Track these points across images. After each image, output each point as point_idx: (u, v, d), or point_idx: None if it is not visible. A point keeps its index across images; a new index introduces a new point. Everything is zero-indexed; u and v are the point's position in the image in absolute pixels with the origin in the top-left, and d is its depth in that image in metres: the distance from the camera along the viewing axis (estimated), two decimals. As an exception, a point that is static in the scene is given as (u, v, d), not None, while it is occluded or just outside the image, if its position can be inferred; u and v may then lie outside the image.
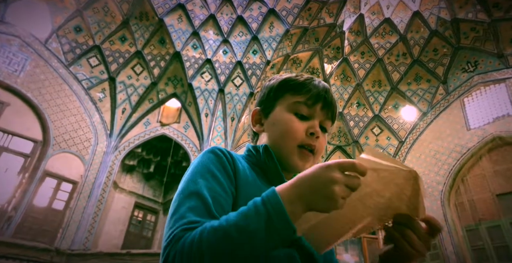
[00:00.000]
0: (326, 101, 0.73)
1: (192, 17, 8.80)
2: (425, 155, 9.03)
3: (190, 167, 0.63)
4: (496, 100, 8.38)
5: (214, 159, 0.61)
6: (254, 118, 0.79)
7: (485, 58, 8.75)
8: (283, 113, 0.72)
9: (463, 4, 8.69)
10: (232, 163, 0.63)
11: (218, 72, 9.38)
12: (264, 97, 0.79)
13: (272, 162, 0.68)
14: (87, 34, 7.71)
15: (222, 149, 0.65)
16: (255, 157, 0.72)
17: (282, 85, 0.76)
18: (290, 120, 0.70)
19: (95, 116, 8.03)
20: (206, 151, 0.64)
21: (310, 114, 0.71)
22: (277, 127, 0.72)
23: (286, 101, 0.73)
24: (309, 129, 0.70)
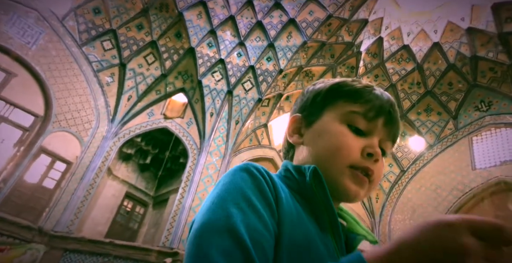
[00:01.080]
0: (391, 116, 0.59)
1: (212, 16, 8.81)
2: (425, 188, 8.79)
3: (216, 187, 0.48)
4: (506, 143, 8.16)
5: (250, 181, 0.46)
6: (292, 126, 0.65)
7: (500, 100, 8.58)
8: (333, 123, 0.58)
9: (485, 43, 8.58)
10: (273, 189, 0.48)
11: (229, 74, 9.34)
12: (307, 102, 0.65)
13: (322, 189, 0.52)
14: (105, 17, 7.73)
15: (259, 167, 0.50)
16: (296, 181, 0.56)
17: (334, 89, 0.62)
18: (342, 134, 0.56)
19: (100, 99, 7.98)
20: (238, 168, 0.49)
21: (368, 129, 0.57)
22: (323, 140, 0.57)
23: (338, 109, 0.59)
24: (367, 148, 0.55)
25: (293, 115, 0.66)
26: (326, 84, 0.64)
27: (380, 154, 0.56)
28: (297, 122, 0.64)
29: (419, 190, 8.78)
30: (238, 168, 0.49)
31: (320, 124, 0.60)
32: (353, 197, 0.55)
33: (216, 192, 0.46)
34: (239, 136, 9.39)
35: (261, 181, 0.47)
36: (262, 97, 9.45)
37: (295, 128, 0.64)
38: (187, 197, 7.78)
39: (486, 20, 8.54)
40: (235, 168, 0.49)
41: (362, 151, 0.55)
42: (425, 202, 8.50)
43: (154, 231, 8.37)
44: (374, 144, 0.56)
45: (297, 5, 9.08)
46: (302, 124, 0.63)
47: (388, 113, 0.59)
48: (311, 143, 0.59)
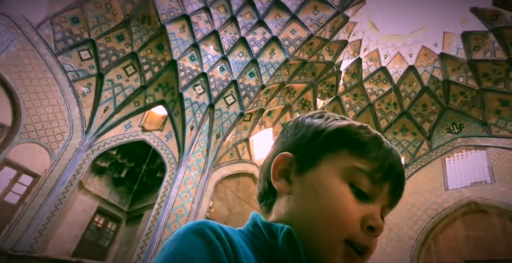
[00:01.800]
0: (400, 181, 0.50)
1: (195, 30, 8.84)
2: (401, 207, 8.91)
3: (158, 257, 0.37)
4: (476, 165, 8.48)
5: (204, 251, 0.37)
6: (279, 167, 0.52)
7: (470, 123, 8.98)
8: (333, 178, 0.48)
9: (456, 68, 9.05)
10: (234, 259, 0.38)
11: (211, 87, 9.31)
12: (302, 141, 0.53)
13: (298, 259, 0.42)
14: (83, 27, 7.57)
15: (215, 228, 0.39)
16: (266, 242, 0.45)
17: (337, 134, 0.51)
18: (344, 195, 0.46)
19: (75, 110, 7.69)
20: (190, 231, 0.39)
21: (372, 193, 0.48)
22: (319, 199, 0.47)
23: (341, 160, 0.49)
24: (368, 219, 0.46)
25: (283, 154, 0.52)
26: (329, 125, 0.53)
27: (383, 228, 0.47)
28: (286, 162, 0.52)
29: (395, 210, 8.89)
30: (190, 230, 0.38)
31: (316, 174, 0.49)
32: None
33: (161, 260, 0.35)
34: (219, 150, 9.28)
35: (218, 249, 0.37)
36: (244, 112, 9.45)
37: (282, 170, 0.52)
38: (163, 213, 7.52)
39: (457, 47, 9.05)
40: (186, 230, 0.39)
41: (362, 222, 0.45)
42: (400, 221, 8.61)
43: (126, 248, 7.99)
44: (377, 214, 0.47)
45: (280, 24, 9.28)
46: (293, 168, 0.52)
47: (398, 177, 0.49)
48: (301, 197, 0.49)
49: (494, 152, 8.45)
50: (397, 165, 0.50)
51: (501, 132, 8.63)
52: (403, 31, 9.59)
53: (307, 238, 0.44)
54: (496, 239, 7.52)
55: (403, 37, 9.60)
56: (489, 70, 8.83)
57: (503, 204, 7.73)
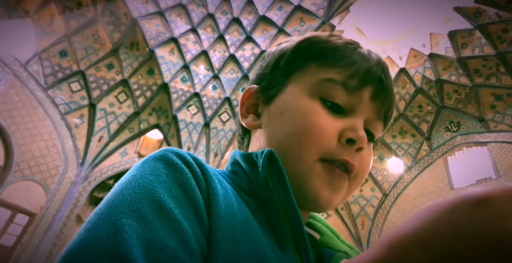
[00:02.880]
0: (383, 85, 0.42)
1: (184, 51, 8.85)
2: (408, 211, 8.79)
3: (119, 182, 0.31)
4: (478, 162, 8.42)
5: (166, 174, 0.30)
6: (247, 103, 0.47)
7: (467, 120, 8.97)
8: (301, 97, 0.42)
9: (446, 67, 9.10)
10: (205, 184, 0.32)
11: (205, 106, 9.27)
12: (267, 69, 0.47)
13: (281, 184, 0.36)
14: (72, 59, 7.55)
15: (182, 153, 0.33)
16: (246, 176, 0.39)
17: (302, 48, 0.44)
18: (312, 112, 0.40)
19: (68, 143, 7.57)
20: (151, 157, 0.33)
21: (350, 105, 0.41)
22: (286, 122, 0.41)
23: (309, 76, 0.42)
24: (346, 132, 0.40)
25: (247, 88, 0.47)
26: (293, 42, 0.46)
27: (365, 140, 0.39)
28: (252, 97, 0.47)
29: (403, 213, 8.78)
30: (150, 157, 0.32)
31: (283, 99, 0.43)
32: (324, 205, 0.39)
33: (108, 196, 0.29)
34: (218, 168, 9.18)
35: (184, 173, 0.31)
36: (240, 128, 9.40)
37: (250, 106, 0.47)
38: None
39: (445, 47, 9.12)
40: (146, 158, 0.33)
41: (339, 136, 0.39)
42: (410, 225, 8.48)
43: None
44: (357, 126, 0.40)
45: (268, 38, 9.33)
46: (260, 100, 0.46)
47: (378, 81, 0.42)
48: (270, 126, 0.43)
49: (495, 147, 8.40)
50: (377, 66, 0.42)
51: (499, 126, 8.61)
52: (390, 35, 9.68)
53: (284, 167, 0.37)
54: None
55: (391, 41, 9.68)
56: (479, 66, 8.89)
57: None
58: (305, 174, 0.38)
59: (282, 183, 0.36)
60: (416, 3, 9.71)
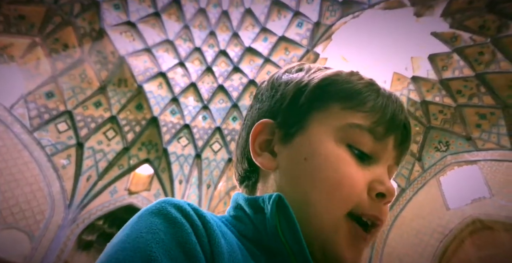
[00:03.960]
0: (407, 132, 0.42)
1: (172, 85, 8.92)
2: (407, 234, 8.66)
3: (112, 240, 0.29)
4: (471, 181, 8.48)
5: (164, 231, 0.27)
6: (258, 138, 0.43)
7: (455, 140, 9.13)
8: (327, 142, 0.38)
9: (430, 88, 9.39)
10: (208, 240, 0.29)
11: (196, 137, 9.21)
12: (283, 102, 0.43)
13: (292, 231, 0.32)
14: (59, 100, 7.50)
15: (182, 206, 0.30)
16: (251, 223, 0.35)
17: (325, 87, 0.42)
18: (343, 161, 0.37)
19: (55, 185, 7.33)
20: (148, 211, 0.30)
21: (375, 152, 0.39)
22: (314, 169, 0.37)
23: (333, 119, 0.40)
24: (376, 184, 0.38)
25: (261, 122, 0.43)
26: (312, 77, 0.43)
27: (395, 193, 0.38)
28: (266, 132, 0.42)
29: (402, 236, 8.65)
30: (147, 211, 0.30)
31: (306, 141, 0.39)
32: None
33: (100, 259, 0.26)
34: (212, 200, 8.97)
35: (184, 229, 0.28)
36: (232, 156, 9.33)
37: (263, 142, 0.42)
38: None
39: (426, 69, 9.46)
40: (143, 211, 0.31)
41: (368, 189, 0.37)
42: (410, 249, 8.32)
43: None
44: (385, 178, 0.38)
45: (255, 68, 9.52)
46: (276, 137, 0.42)
47: (403, 127, 0.41)
48: (291, 171, 0.39)
49: (485, 166, 8.51)
50: (400, 112, 0.41)
51: (487, 145, 8.78)
52: (372, 60, 10.00)
53: (303, 217, 0.35)
54: (509, 256, 7.31)
55: (374, 65, 9.99)
56: (461, 87, 9.19)
57: (507, 218, 7.64)
58: (330, 231, 0.35)
59: (293, 232, 0.32)
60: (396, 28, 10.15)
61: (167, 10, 8.84)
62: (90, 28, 7.54)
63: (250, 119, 0.47)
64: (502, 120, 8.59)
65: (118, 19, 8.03)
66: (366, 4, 9.28)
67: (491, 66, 8.72)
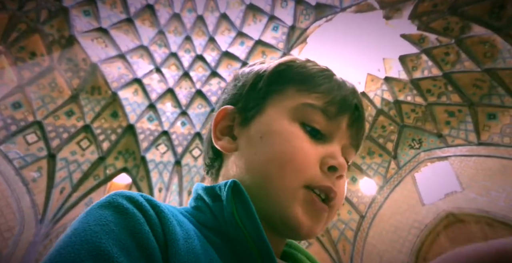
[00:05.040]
0: (359, 113, 0.44)
1: (149, 91, 8.77)
2: (386, 231, 8.92)
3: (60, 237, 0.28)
4: (443, 177, 8.86)
5: (114, 223, 0.26)
6: (220, 124, 0.45)
7: (427, 137, 9.52)
8: (282, 120, 0.41)
9: (401, 88, 9.75)
10: (162, 229, 0.28)
11: (175, 144, 9.08)
12: (243, 89, 0.46)
13: (249, 216, 0.32)
14: (27, 110, 7.18)
15: (134, 197, 0.30)
16: (210, 212, 0.36)
17: (281, 71, 0.45)
18: (295, 136, 0.39)
19: (25, 199, 6.99)
20: (98, 204, 0.29)
21: (328, 131, 0.42)
22: (268, 146, 0.39)
23: (288, 100, 0.42)
24: (328, 159, 0.39)
25: (222, 108, 0.46)
26: (270, 64, 0.47)
27: (346, 167, 0.41)
28: (228, 118, 0.45)
29: (381, 234, 8.89)
30: (96, 205, 0.29)
31: (262, 121, 0.42)
32: (305, 234, 0.37)
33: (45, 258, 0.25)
34: (194, 207, 8.89)
35: (136, 219, 0.27)
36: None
37: (224, 127, 0.45)
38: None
39: (398, 70, 9.82)
40: (93, 205, 0.29)
41: (321, 163, 0.39)
42: (389, 246, 8.56)
43: None
44: (337, 153, 0.41)
45: (233, 72, 9.53)
46: (236, 121, 0.45)
47: (354, 109, 0.44)
48: (250, 149, 0.41)
49: (455, 161, 8.92)
50: (352, 95, 0.44)
51: (456, 141, 9.21)
52: (346, 62, 10.28)
53: (261, 192, 0.37)
54: (481, 247, 7.67)
55: (348, 67, 10.27)
56: (430, 86, 9.61)
57: (477, 210, 8.03)
58: (287, 201, 0.37)
59: (249, 216, 0.33)
60: (367, 31, 10.50)
61: (140, 15, 8.71)
62: (59, 35, 7.29)
63: (216, 110, 0.49)
64: (469, 117, 9.04)
65: (89, 25, 7.82)
66: (338, 8, 9.53)
67: (457, 66, 9.17)
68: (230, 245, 0.34)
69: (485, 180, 8.07)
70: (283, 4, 9.62)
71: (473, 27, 8.36)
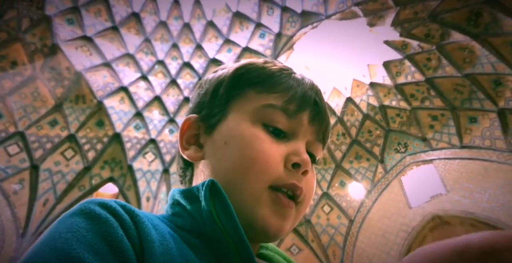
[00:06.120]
0: (318, 108, 0.44)
1: (135, 99, 8.69)
2: (375, 235, 9.01)
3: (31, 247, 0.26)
4: (429, 179, 9.05)
5: (86, 229, 0.26)
6: (186, 134, 0.46)
7: (412, 141, 9.73)
8: (243, 124, 0.41)
9: (386, 93, 9.97)
10: (136, 233, 0.28)
11: (163, 152, 8.99)
12: (206, 97, 0.46)
13: (227, 214, 0.33)
14: (8, 121, 7.00)
15: (108, 204, 0.29)
16: (188, 214, 0.36)
17: (240, 76, 0.45)
18: (257, 138, 0.40)
19: (6, 213, 6.77)
20: (67, 213, 0.29)
21: (291, 129, 0.42)
22: (231, 150, 0.40)
23: (249, 103, 0.43)
24: (291, 156, 0.40)
25: (186, 118, 0.46)
26: (230, 69, 0.46)
27: (310, 163, 0.40)
28: (192, 127, 0.45)
29: (370, 238, 8.98)
30: (69, 213, 0.29)
31: (225, 127, 0.42)
32: (273, 234, 0.37)
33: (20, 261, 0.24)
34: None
35: (109, 223, 0.27)
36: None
37: (190, 136, 0.45)
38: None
39: (382, 76, 10.05)
40: (65, 214, 0.29)
41: (285, 161, 0.39)
42: (378, 249, 8.65)
43: None
44: (300, 149, 0.41)
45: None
46: (201, 129, 0.45)
47: (314, 104, 0.43)
48: (215, 156, 0.41)
49: (440, 164, 9.13)
50: (311, 90, 0.44)
51: (440, 144, 9.45)
52: (332, 68, 10.46)
53: (230, 197, 0.36)
54: (466, 248, 7.84)
55: (334, 73, 10.45)
56: (414, 91, 9.86)
57: (461, 212, 8.22)
58: (253, 205, 0.37)
59: (228, 215, 0.33)
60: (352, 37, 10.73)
61: (126, 24, 8.66)
62: (42, 44, 7.18)
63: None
64: (452, 121, 9.30)
65: (72, 34, 7.72)
66: (323, 15, 9.71)
67: (438, 71, 9.45)
68: (209, 245, 0.34)
69: (468, 182, 8.29)
70: (269, 12, 9.76)
71: (452, 33, 8.66)
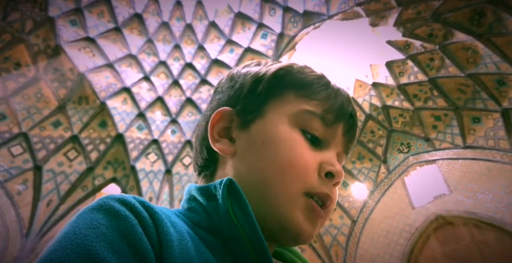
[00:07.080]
0: (353, 121, 0.46)
1: (138, 100, 8.71)
2: (377, 235, 8.98)
3: (50, 242, 0.27)
4: (432, 180, 9.01)
5: (106, 226, 0.26)
6: (217, 125, 0.45)
7: (415, 141, 9.70)
8: (282, 126, 0.42)
9: (389, 94, 9.94)
10: (155, 231, 0.28)
11: (165, 152, 9.01)
12: (242, 91, 0.45)
13: (245, 215, 0.32)
14: (12, 122, 7.03)
15: (127, 200, 0.29)
16: (205, 211, 0.36)
17: (281, 76, 0.45)
18: (296, 142, 0.40)
19: (10, 213, 6.80)
20: (89, 208, 0.29)
21: (326, 138, 0.43)
22: (271, 151, 0.40)
23: (288, 106, 0.43)
24: (325, 165, 0.41)
25: (220, 110, 0.45)
26: (270, 68, 0.47)
27: (343, 174, 0.42)
28: (224, 120, 0.45)
29: (373, 238, 8.95)
30: (87, 208, 0.29)
31: (263, 126, 0.42)
32: (304, 240, 0.39)
33: (40, 258, 0.25)
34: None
35: (129, 221, 0.27)
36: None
37: (221, 129, 0.45)
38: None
39: (385, 76, 10.01)
40: (84, 209, 0.29)
41: (319, 170, 0.40)
42: (380, 250, 8.62)
43: None
44: (334, 160, 0.42)
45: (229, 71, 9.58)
46: (234, 124, 0.45)
47: (349, 116, 0.45)
48: (251, 155, 0.41)
49: (443, 164, 9.09)
50: (347, 103, 0.46)
51: (443, 145, 9.41)
52: (335, 69, 10.44)
53: (261, 197, 0.37)
54: (469, 249, 7.81)
55: (337, 73, 10.42)
56: (416, 91, 9.82)
57: (465, 212, 8.18)
58: (288, 207, 0.37)
59: (245, 214, 0.33)
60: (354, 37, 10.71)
61: (128, 24, 8.68)
62: (45, 45, 7.21)
63: (210, 110, 0.49)
64: (455, 121, 9.26)
65: (76, 35, 7.75)
66: (325, 15, 9.69)
67: (441, 71, 9.41)
68: (225, 244, 0.34)
69: (471, 182, 8.25)
70: (271, 12, 9.75)
71: (455, 33, 8.61)
